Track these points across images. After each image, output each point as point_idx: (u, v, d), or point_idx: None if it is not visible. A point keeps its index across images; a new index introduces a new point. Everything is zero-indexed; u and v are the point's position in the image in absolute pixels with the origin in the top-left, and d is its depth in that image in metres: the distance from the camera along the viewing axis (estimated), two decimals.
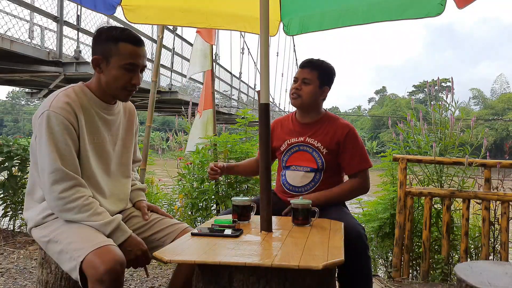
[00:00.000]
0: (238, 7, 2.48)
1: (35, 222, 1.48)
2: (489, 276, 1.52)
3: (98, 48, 1.48)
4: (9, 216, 3.73)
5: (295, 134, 2.01)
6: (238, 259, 1.15)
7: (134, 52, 1.48)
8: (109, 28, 1.50)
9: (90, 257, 1.27)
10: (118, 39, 1.46)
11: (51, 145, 1.37)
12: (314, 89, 1.94)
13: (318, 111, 2.01)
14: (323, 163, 1.92)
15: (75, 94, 1.47)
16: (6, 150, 3.62)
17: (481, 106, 46.60)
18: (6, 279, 2.56)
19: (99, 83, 1.51)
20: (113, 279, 1.25)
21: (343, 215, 1.79)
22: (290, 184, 1.98)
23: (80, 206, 1.38)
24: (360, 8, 2.24)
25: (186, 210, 3.43)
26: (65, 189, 1.38)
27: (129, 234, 1.44)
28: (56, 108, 1.39)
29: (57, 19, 5.49)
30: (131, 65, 1.47)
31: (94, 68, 1.50)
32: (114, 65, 1.46)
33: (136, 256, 1.42)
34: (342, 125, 1.96)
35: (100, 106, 1.54)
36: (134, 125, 1.74)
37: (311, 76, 1.94)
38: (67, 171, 1.38)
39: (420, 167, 3.20)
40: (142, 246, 1.45)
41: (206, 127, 3.71)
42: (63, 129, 1.38)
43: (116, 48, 1.45)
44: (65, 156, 1.39)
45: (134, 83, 1.50)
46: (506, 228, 2.75)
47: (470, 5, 1.78)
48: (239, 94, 17.17)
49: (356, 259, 1.66)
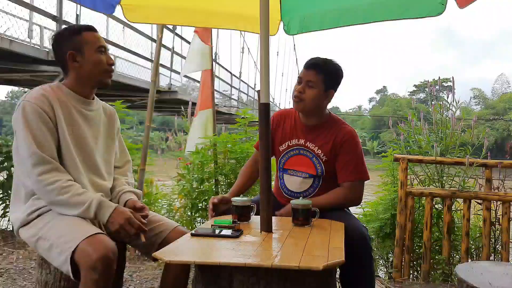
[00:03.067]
0: (238, 7, 2.47)
1: (21, 221, 1.49)
2: (490, 276, 1.51)
3: (66, 46, 1.55)
4: (8, 216, 3.72)
5: (296, 135, 1.92)
6: (238, 259, 1.14)
7: (98, 37, 1.59)
8: (65, 28, 1.64)
9: (82, 246, 1.28)
10: (79, 30, 1.57)
11: (27, 131, 1.41)
12: (318, 93, 1.81)
13: (321, 114, 1.90)
14: (323, 170, 1.85)
15: (50, 88, 1.53)
16: (5, 150, 3.61)
17: (482, 106, 46.61)
18: (5, 280, 2.56)
19: (78, 76, 1.57)
20: (106, 267, 1.26)
21: (346, 216, 1.77)
22: (288, 189, 1.94)
23: (59, 188, 1.40)
24: (361, 8, 2.23)
25: (186, 211, 3.42)
26: (43, 171, 1.41)
27: (114, 207, 1.45)
28: (31, 98, 1.45)
29: (56, 18, 5.49)
30: (101, 47, 1.58)
31: (71, 64, 1.55)
32: (89, 52, 1.55)
33: (119, 225, 1.41)
34: (344, 131, 1.85)
35: (77, 100, 1.58)
36: (115, 126, 1.76)
37: (316, 79, 1.80)
38: (44, 155, 1.41)
39: (421, 167, 3.19)
40: (125, 214, 1.43)
41: (206, 127, 3.70)
42: (38, 117, 1.43)
43: (82, 38, 1.55)
44: (41, 142, 1.42)
45: (110, 63, 1.60)
46: (507, 228, 2.74)
47: (471, 4, 1.77)
48: (239, 94, 17.18)
49: (359, 261, 1.64)
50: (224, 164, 3.40)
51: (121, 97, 6.86)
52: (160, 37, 3.48)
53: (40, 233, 1.42)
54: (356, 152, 1.84)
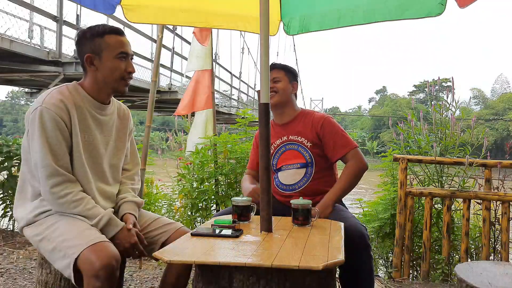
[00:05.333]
0: (238, 7, 2.47)
1: (26, 221, 1.49)
2: (489, 276, 1.51)
3: (86, 47, 1.51)
4: (9, 216, 3.72)
5: (278, 135, 2.07)
6: (238, 259, 1.15)
7: (122, 42, 1.53)
8: (90, 27, 1.55)
9: (85, 253, 1.28)
10: (103, 33, 1.51)
11: (43, 140, 1.39)
12: (286, 84, 2.07)
13: (293, 108, 2.10)
14: (311, 156, 1.98)
15: (68, 92, 1.49)
16: (5, 150, 3.61)
17: (482, 106, 46.61)
18: (6, 279, 2.56)
19: (95, 80, 1.53)
20: (109, 275, 1.26)
21: (345, 215, 1.79)
22: (283, 183, 2.02)
23: (69, 202, 1.41)
24: (361, 8, 2.23)
25: (186, 211, 3.42)
26: (55, 184, 1.40)
27: (121, 227, 1.46)
28: (49, 104, 1.41)
29: (56, 18, 5.50)
30: (122, 53, 1.52)
31: (88, 67, 1.52)
32: (107, 58, 1.50)
33: (124, 248, 1.44)
34: (317, 117, 2.04)
35: (93, 105, 1.55)
36: (128, 128, 1.73)
37: (280, 74, 2.07)
38: (57, 168, 1.40)
39: (421, 167, 3.20)
40: (131, 238, 1.45)
41: (206, 127, 3.70)
42: (55, 125, 1.41)
43: (104, 42, 1.50)
44: (55, 152, 1.41)
45: (129, 71, 1.55)
46: (506, 228, 2.74)
47: (471, 4, 1.77)
48: (239, 94, 17.18)
49: (358, 259, 1.65)
50: (224, 164, 3.40)
51: (121, 97, 6.85)
52: (160, 37, 3.48)
53: (44, 234, 1.42)
54: (336, 130, 2.00)
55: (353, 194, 2.44)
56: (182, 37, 9.38)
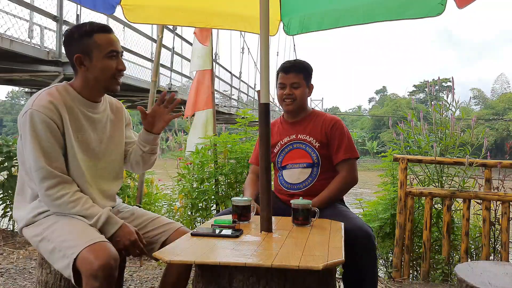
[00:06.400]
0: (238, 7, 2.48)
1: (26, 221, 1.49)
2: (489, 276, 1.51)
3: (75, 47, 1.49)
4: (9, 216, 3.72)
5: (286, 133, 2.05)
6: (238, 259, 1.15)
7: (111, 39, 1.51)
8: (77, 26, 1.53)
9: (84, 253, 1.28)
10: (91, 32, 1.48)
11: (35, 143, 1.39)
12: (304, 90, 2.02)
13: (306, 108, 2.08)
14: (318, 157, 1.96)
15: (58, 93, 1.48)
16: (5, 150, 3.61)
17: (482, 106, 46.60)
18: (6, 279, 2.56)
19: (86, 80, 1.52)
20: (107, 275, 1.26)
21: (350, 215, 1.79)
22: (287, 182, 2.00)
23: (66, 203, 1.41)
24: (360, 8, 2.23)
25: (186, 211, 3.42)
26: (50, 186, 1.40)
27: (120, 225, 1.45)
28: (39, 107, 1.40)
29: (56, 18, 5.49)
30: (112, 52, 1.50)
31: (78, 67, 1.50)
32: (98, 57, 1.48)
33: (124, 245, 1.43)
34: (329, 117, 2.03)
35: (84, 104, 1.54)
36: (124, 120, 1.72)
37: (298, 79, 1.99)
38: (51, 170, 1.40)
39: (421, 167, 3.20)
40: (131, 236, 1.44)
41: (206, 127, 3.70)
42: (46, 127, 1.40)
43: (93, 41, 1.48)
44: (48, 154, 1.40)
45: (120, 68, 1.53)
46: (506, 228, 2.74)
47: (470, 5, 1.78)
48: (239, 94, 17.17)
49: (363, 260, 1.65)
50: (224, 164, 3.40)
51: (121, 97, 6.86)
52: (160, 37, 3.49)
53: (44, 234, 1.42)
54: (345, 134, 1.99)
55: (353, 194, 2.44)
56: (182, 37, 9.38)
